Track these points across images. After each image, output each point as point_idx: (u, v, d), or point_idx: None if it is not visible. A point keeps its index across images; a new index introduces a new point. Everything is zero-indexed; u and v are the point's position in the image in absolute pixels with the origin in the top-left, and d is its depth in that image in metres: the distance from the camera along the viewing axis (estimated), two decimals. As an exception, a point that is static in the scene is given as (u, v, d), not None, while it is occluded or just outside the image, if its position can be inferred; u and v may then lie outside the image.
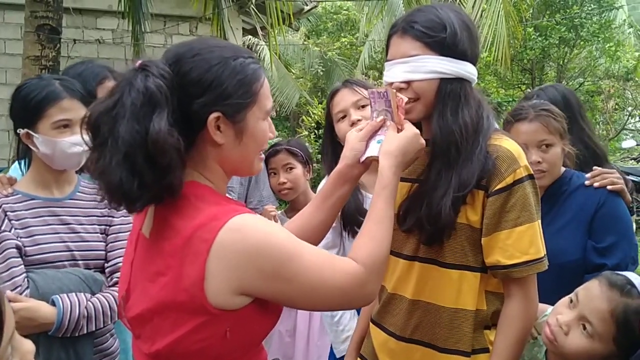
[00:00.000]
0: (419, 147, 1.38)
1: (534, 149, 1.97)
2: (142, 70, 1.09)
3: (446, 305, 1.48)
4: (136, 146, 1.04)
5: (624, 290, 1.38)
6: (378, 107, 1.42)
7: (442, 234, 1.44)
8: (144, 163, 1.05)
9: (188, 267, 1.07)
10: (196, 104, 1.11)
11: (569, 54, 12.68)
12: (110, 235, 1.81)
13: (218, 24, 5.47)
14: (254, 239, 1.07)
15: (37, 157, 1.75)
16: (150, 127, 1.04)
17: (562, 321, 1.42)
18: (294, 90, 11.66)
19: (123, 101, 1.06)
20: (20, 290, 1.61)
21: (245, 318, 1.11)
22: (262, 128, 1.20)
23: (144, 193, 1.07)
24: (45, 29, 4.34)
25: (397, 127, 1.38)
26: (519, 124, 2.02)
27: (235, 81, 1.14)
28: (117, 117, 1.06)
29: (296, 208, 2.68)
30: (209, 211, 1.09)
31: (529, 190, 1.43)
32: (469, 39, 1.46)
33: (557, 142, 2.00)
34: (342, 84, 2.21)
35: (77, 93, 1.75)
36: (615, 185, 1.98)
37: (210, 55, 1.14)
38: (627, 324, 1.34)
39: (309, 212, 1.44)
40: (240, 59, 1.16)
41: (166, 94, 1.07)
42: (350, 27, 15.37)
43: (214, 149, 1.16)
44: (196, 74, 1.12)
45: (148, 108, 1.05)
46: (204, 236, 1.06)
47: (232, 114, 1.14)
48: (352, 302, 1.20)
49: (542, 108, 2.05)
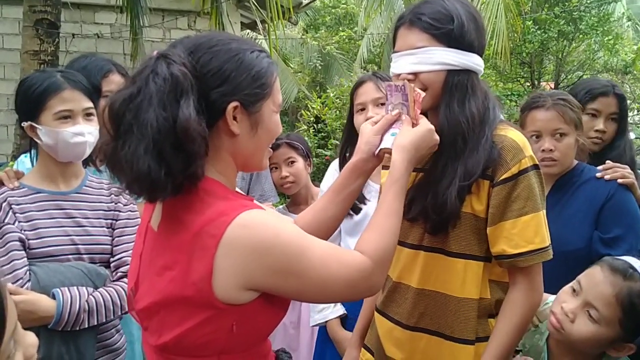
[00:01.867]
0: (432, 142, 1.38)
1: (548, 137, 1.99)
2: (164, 57, 1.09)
3: (453, 294, 1.48)
4: (164, 133, 1.03)
5: (627, 274, 1.40)
6: (394, 101, 1.42)
7: (447, 223, 1.45)
8: (171, 150, 1.04)
9: (196, 262, 1.07)
10: (215, 94, 1.11)
11: (567, 47, 12.68)
12: (116, 230, 1.80)
13: (216, 18, 5.45)
14: (263, 235, 1.07)
15: (42, 150, 1.75)
16: (180, 113, 1.03)
17: (568, 309, 1.44)
18: (293, 84, 11.63)
19: (148, 88, 1.05)
20: (21, 283, 1.61)
21: (252, 312, 1.11)
22: (275, 120, 1.21)
23: (169, 181, 1.06)
24: (44, 24, 4.33)
25: (412, 121, 1.38)
26: (536, 111, 2.04)
27: (253, 72, 1.15)
28: (141, 104, 1.05)
29: (298, 202, 2.69)
30: (218, 206, 1.09)
31: (534, 180, 1.43)
32: (476, 30, 1.46)
33: (571, 132, 2.01)
34: (369, 75, 2.23)
35: (79, 84, 1.75)
36: (626, 179, 1.99)
37: (228, 47, 1.14)
38: (632, 306, 1.36)
39: (321, 205, 1.43)
40: (256, 52, 1.18)
41: (191, 81, 1.07)
42: (348, 21, 15.33)
43: (229, 139, 1.16)
44: (215, 64, 1.12)
45: (174, 95, 1.05)
46: (212, 232, 1.06)
47: (250, 105, 1.15)
48: (358, 294, 1.21)
49: (559, 97, 2.07)
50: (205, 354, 1.13)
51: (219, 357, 1.13)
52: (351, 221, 2.22)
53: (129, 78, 1.10)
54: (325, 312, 2.25)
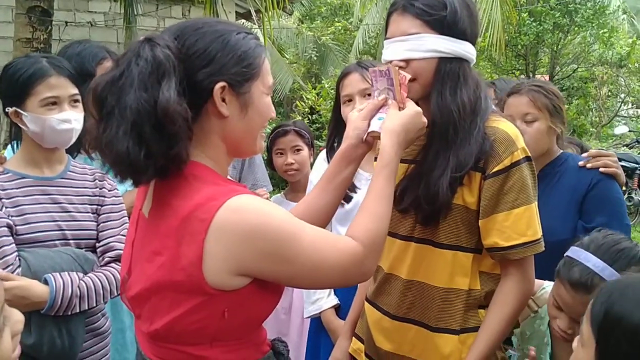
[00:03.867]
0: (420, 125, 1.38)
1: (519, 121, 2.02)
2: (149, 41, 1.09)
3: (439, 285, 1.49)
4: (144, 115, 1.03)
5: (588, 287, 1.34)
6: (380, 86, 1.41)
7: (438, 214, 1.45)
8: (151, 132, 1.04)
9: (185, 247, 1.06)
10: (201, 74, 1.11)
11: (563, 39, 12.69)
12: (101, 215, 1.80)
13: (211, 7, 5.43)
14: (253, 220, 1.06)
15: (27, 136, 1.74)
16: (160, 95, 1.04)
17: (564, 327, 1.43)
18: (288, 75, 11.60)
19: (131, 70, 1.05)
20: (12, 269, 1.61)
21: (244, 298, 1.11)
22: (266, 102, 1.20)
23: (150, 164, 1.06)
24: (37, 11, 4.30)
25: (398, 105, 1.38)
26: (511, 97, 2.10)
27: (239, 52, 1.14)
28: (124, 86, 1.05)
29: (296, 189, 2.69)
30: (207, 191, 1.09)
31: (526, 173, 1.43)
32: (469, 18, 1.45)
33: (542, 117, 2.03)
34: (354, 66, 2.20)
35: (65, 70, 1.74)
36: (609, 168, 1.99)
37: (214, 29, 1.15)
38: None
39: (313, 195, 1.43)
40: (243, 34, 1.17)
41: (174, 63, 1.07)
42: (344, 11, 15.27)
43: (218, 122, 1.15)
44: (201, 45, 1.12)
45: (156, 77, 1.05)
46: (202, 216, 1.05)
47: (237, 85, 1.14)
48: (351, 279, 1.21)
49: (536, 84, 2.10)
50: (198, 341, 1.12)
51: (212, 345, 1.13)
52: (342, 210, 2.22)
53: (114, 62, 1.10)
54: (319, 302, 2.25)
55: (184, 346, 1.13)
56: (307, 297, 2.29)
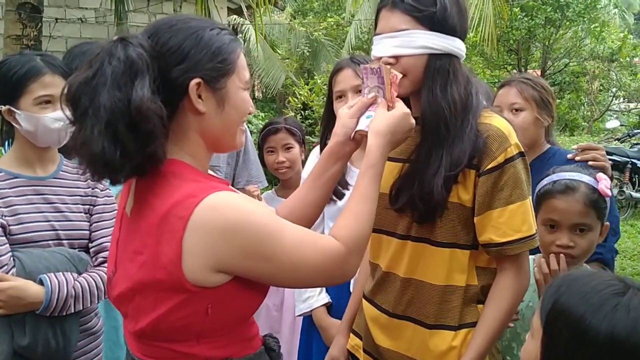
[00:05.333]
0: (408, 126, 1.37)
1: (506, 112, 2.09)
2: (122, 41, 1.09)
3: (436, 283, 1.49)
4: (118, 114, 1.03)
5: (575, 188, 1.62)
6: (370, 84, 1.41)
7: (434, 212, 1.44)
8: (126, 131, 1.04)
9: (164, 245, 1.06)
10: (176, 71, 1.11)
11: (554, 34, 12.72)
12: (94, 215, 1.79)
13: (202, 3, 5.41)
14: (231, 217, 1.07)
15: (20, 134, 1.72)
16: (133, 93, 1.04)
17: (565, 242, 1.62)
18: (280, 71, 11.57)
19: (103, 70, 1.05)
20: (6, 270, 1.60)
21: (226, 295, 1.11)
22: (243, 97, 1.20)
23: (126, 162, 1.06)
24: (27, 8, 4.26)
25: (387, 104, 1.37)
26: (501, 89, 2.20)
27: (213, 48, 1.15)
28: (97, 86, 1.05)
29: (288, 186, 2.68)
30: (186, 188, 1.09)
31: (520, 168, 1.44)
32: (459, 14, 1.45)
33: (528, 108, 2.11)
34: (347, 61, 2.18)
35: (59, 68, 1.72)
36: (597, 162, 2.01)
37: (187, 25, 1.15)
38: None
39: (301, 192, 1.43)
40: (217, 30, 1.17)
41: (147, 61, 1.07)
42: (336, 7, 15.25)
43: (195, 118, 1.15)
44: (175, 42, 1.12)
45: (129, 76, 1.05)
46: (180, 214, 1.05)
47: (212, 81, 1.14)
48: (331, 279, 1.21)
49: (526, 77, 2.20)
50: (184, 338, 1.13)
51: (198, 341, 1.13)
52: (334, 207, 2.22)
53: (88, 62, 1.10)
54: (310, 301, 2.24)
55: (171, 343, 1.14)
56: (298, 296, 2.29)
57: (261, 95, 13.68)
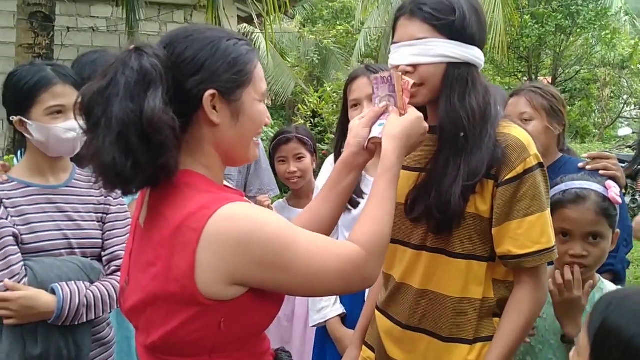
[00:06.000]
0: (422, 130, 1.35)
1: (517, 121, 2.04)
2: (136, 50, 1.08)
3: (452, 295, 1.46)
4: (130, 124, 1.02)
5: (585, 197, 1.59)
6: (381, 93, 1.39)
7: (451, 223, 1.42)
8: (138, 142, 1.02)
9: (177, 257, 1.05)
10: (191, 82, 1.10)
11: (565, 41, 12.68)
12: (107, 224, 1.79)
13: (213, 12, 5.41)
14: (245, 228, 1.05)
15: (31, 144, 1.72)
16: (145, 104, 1.02)
17: (578, 251, 1.59)
18: (290, 78, 11.62)
19: (117, 80, 1.04)
20: (18, 279, 1.60)
21: (240, 308, 1.09)
22: (258, 109, 1.18)
23: (138, 173, 1.05)
24: (38, 17, 4.28)
25: (399, 111, 1.36)
26: (511, 99, 2.20)
27: (229, 59, 1.13)
28: (110, 96, 1.04)
29: (299, 195, 2.67)
30: (199, 200, 1.07)
31: (539, 179, 1.41)
32: (477, 22, 1.43)
33: (538, 117, 2.11)
34: (362, 70, 2.16)
35: (70, 78, 1.72)
36: (608, 172, 1.98)
37: (203, 36, 1.13)
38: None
39: (316, 204, 1.41)
40: (233, 40, 1.16)
41: (160, 72, 1.06)
42: (346, 15, 15.30)
43: (210, 130, 1.14)
44: (190, 53, 1.11)
45: (142, 86, 1.04)
46: (193, 225, 1.04)
47: (228, 92, 1.12)
48: (352, 286, 1.18)
49: (536, 86, 2.20)
50: (195, 352, 1.10)
51: (210, 356, 1.11)
52: (349, 216, 2.20)
53: (102, 71, 1.09)
54: (324, 311, 2.22)
55: (183, 358, 1.11)
56: (313, 306, 2.27)
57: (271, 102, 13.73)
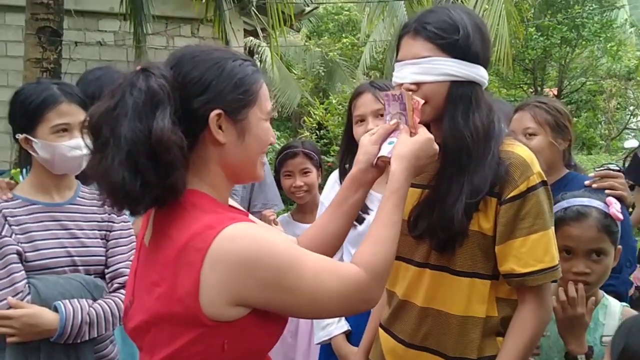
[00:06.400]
0: (432, 152, 1.35)
1: (521, 136, 2.06)
2: (144, 71, 1.09)
3: (456, 313, 1.46)
4: (139, 144, 1.03)
5: (587, 214, 1.60)
6: (392, 110, 1.40)
7: (454, 240, 1.42)
8: (146, 162, 1.03)
9: (182, 278, 1.05)
10: (197, 102, 1.11)
11: (570, 53, 12.67)
12: (110, 241, 1.79)
13: (219, 26, 5.45)
14: (250, 249, 1.05)
15: (36, 162, 1.73)
16: (154, 124, 1.03)
17: (581, 269, 1.59)
18: (296, 91, 11.66)
19: (125, 101, 1.05)
20: (21, 297, 1.60)
21: (244, 330, 1.08)
22: (264, 128, 1.19)
23: (146, 193, 1.05)
24: (47, 32, 4.32)
25: (410, 130, 1.36)
26: (516, 113, 2.18)
27: (235, 79, 1.14)
28: (118, 117, 1.05)
29: (303, 210, 2.67)
30: (205, 220, 1.07)
31: (542, 197, 1.41)
32: (481, 41, 1.43)
33: (541, 132, 2.09)
34: (367, 85, 2.18)
35: (75, 97, 1.73)
36: (615, 191, 1.97)
37: (210, 56, 1.15)
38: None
39: (323, 220, 1.41)
40: (239, 61, 1.17)
41: (168, 92, 1.07)
42: (351, 27, 15.36)
43: (216, 149, 1.14)
44: (197, 73, 1.12)
45: (150, 107, 1.05)
46: (198, 245, 1.04)
47: (233, 112, 1.14)
48: (353, 308, 1.18)
49: (540, 100, 2.18)
50: None
51: None
52: (355, 232, 2.20)
53: (109, 92, 1.10)
54: (329, 328, 2.22)
55: None
56: (317, 323, 2.26)
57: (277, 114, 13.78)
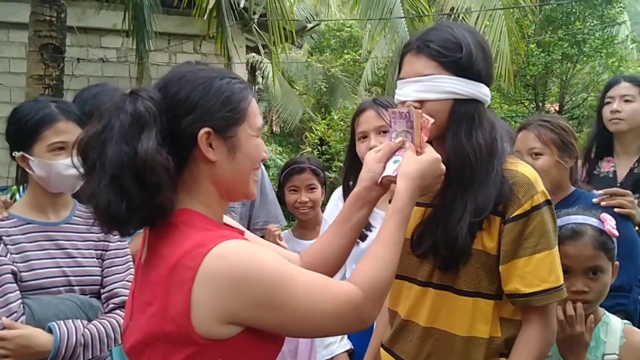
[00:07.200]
0: (438, 172, 1.34)
1: (526, 156, 2.04)
2: (131, 94, 1.10)
3: (459, 334, 1.43)
4: (123, 167, 1.04)
5: (582, 232, 1.60)
6: (398, 128, 1.38)
7: (458, 259, 1.40)
8: (132, 183, 1.04)
9: (173, 296, 1.04)
10: (185, 122, 1.12)
11: (572, 69, 12.68)
12: (106, 260, 1.77)
13: (222, 42, 5.49)
14: (240, 266, 1.04)
15: (33, 180, 1.72)
16: (139, 146, 1.04)
17: (580, 287, 1.58)
18: (298, 106, 11.72)
19: (112, 124, 1.07)
20: (15, 317, 1.58)
21: (238, 348, 1.07)
22: (254, 144, 1.20)
23: (132, 215, 1.06)
24: (49, 48, 4.34)
25: (416, 149, 1.35)
26: (520, 133, 2.15)
27: (222, 97, 1.15)
28: (105, 140, 1.06)
29: (305, 227, 2.66)
30: (196, 237, 1.07)
31: (547, 217, 1.39)
32: (484, 59, 1.43)
33: (547, 152, 2.06)
34: (369, 102, 2.18)
35: (73, 115, 1.73)
36: (623, 209, 1.95)
37: (196, 76, 1.16)
38: None
39: (327, 237, 1.39)
40: (227, 79, 1.17)
41: (154, 114, 1.08)
42: (353, 44, 15.45)
43: (207, 167, 1.15)
44: (184, 93, 1.13)
45: (136, 129, 1.06)
46: (189, 264, 1.03)
47: (222, 130, 1.14)
48: (348, 327, 1.17)
49: (544, 119, 2.15)
50: None
51: None
52: (357, 249, 2.16)
53: (97, 115, 1.11)
54: (331, 347, 2.20)
55: None
56: (320, 342, 2.24)
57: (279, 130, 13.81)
